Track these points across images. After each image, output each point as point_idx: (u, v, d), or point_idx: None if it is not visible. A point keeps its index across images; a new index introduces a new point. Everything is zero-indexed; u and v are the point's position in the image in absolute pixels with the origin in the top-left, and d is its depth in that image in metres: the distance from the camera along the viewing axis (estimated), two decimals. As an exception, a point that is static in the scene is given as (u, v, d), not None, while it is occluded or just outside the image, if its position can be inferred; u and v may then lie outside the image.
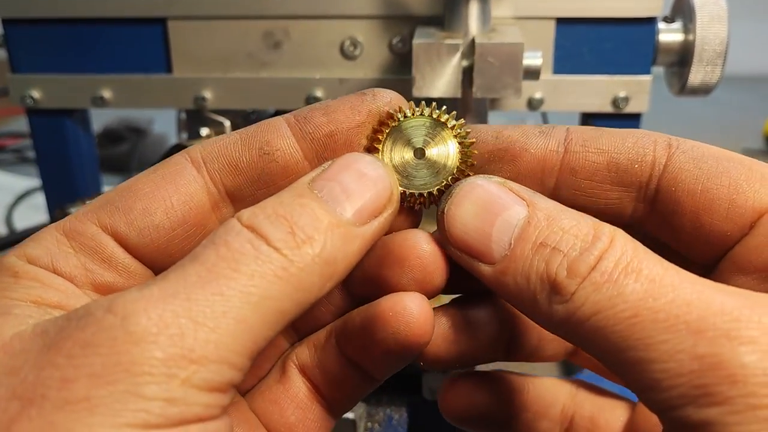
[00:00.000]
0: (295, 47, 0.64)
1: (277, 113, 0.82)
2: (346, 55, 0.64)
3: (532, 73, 0.56)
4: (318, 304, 0.30)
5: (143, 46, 0.66)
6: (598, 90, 0.63)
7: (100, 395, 0.20)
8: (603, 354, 0.24)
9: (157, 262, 0.28)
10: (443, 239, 0.28)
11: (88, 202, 0.55)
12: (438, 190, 0.29)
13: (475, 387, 0.35)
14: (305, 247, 0.24)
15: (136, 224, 0.27)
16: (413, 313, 0.28)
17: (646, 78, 0.63)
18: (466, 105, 0.58)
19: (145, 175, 0.28)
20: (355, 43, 0.63)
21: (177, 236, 0.28)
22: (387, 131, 0.29)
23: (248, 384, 0.32)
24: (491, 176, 0.28)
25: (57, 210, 0.56)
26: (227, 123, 0.66)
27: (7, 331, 0.22)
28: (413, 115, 0.29)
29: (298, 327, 0.32)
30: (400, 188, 0.29)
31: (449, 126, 0.30)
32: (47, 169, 0.71)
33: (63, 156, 0.70)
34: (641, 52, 0.62)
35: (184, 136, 0.73)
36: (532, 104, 0.64)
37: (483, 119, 0.59)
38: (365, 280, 0.30)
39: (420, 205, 0.30)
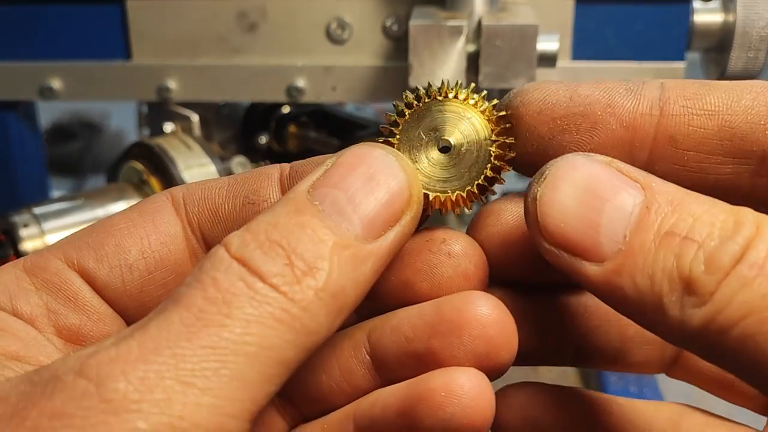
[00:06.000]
0: (273, 30, 0.64)
1: (253, 106, 0.81)
2: (332, 38, 0.63)
3: (548, 60, 0.56)
4: (329, 378, 0.29)
5: (98, 28, 0.65)
6: (624, 79, 0.63)
7: None
8: (754, 371, 0.22)
9: (128, 309, 0.28)
10: (534, 232, 0.26)
11: (35, 209, 0.55)
12: (479, 184, 0.28)
13: (537, 401, 0.32)
14: (307, 279, 0.23)
15: (107, 261, 0.27)
16: (472, 395, 0.26)
17: (679, 65, 0.63)
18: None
19: (120, 212, 0.28)
20: (342, 25, 0.63)
21: (152, 281, 0.28)
22: (397, 132, 0.28)
23: None
24: (591, 154, 0.26)
25: (-3, 218, 0.56)
26: (195, 117, 0.66)
27: None
28: (419, 103, 0.28)
29: (301, 403, 0.31)
30: (431, 193, 0.28)
31: (469, 102, 0.28)
32: (-14, 171, 0.71)
33: (5, 156, 0.69)
34: (674, 35, 0.62)
35: (146, 132, 0.72)
36: (548, 95, 0.64)
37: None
38: (405, 354, 0.28)
39: (459, 209, 0.29)
